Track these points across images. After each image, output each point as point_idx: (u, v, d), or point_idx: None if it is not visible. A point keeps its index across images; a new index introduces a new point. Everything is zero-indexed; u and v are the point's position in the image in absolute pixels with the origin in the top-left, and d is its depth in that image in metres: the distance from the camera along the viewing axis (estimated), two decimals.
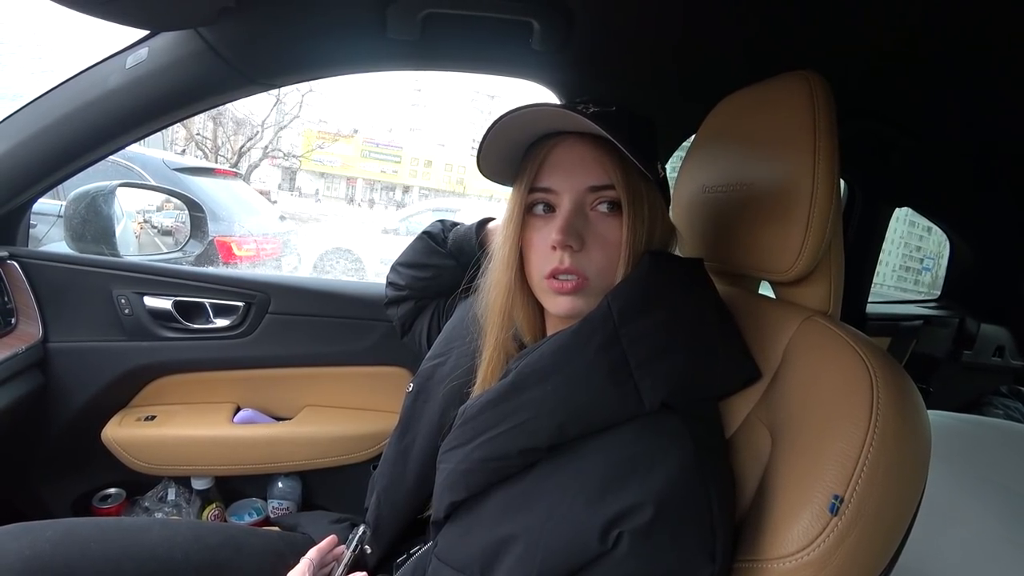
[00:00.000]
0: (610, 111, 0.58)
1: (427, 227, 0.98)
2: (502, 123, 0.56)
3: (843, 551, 0.45)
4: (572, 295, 0.58)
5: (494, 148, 0.61)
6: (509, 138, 0.59)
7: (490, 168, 0.64)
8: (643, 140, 0.60)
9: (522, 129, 0.58)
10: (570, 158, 0.58)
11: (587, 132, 0.57)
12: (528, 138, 0.61)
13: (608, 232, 0.57)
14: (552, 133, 0.60)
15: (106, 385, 1.13)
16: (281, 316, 1.21)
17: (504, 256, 0.63)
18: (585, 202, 0.58)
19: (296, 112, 12.41)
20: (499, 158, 0.63)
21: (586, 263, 0.57)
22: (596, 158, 0.57)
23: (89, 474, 1.17)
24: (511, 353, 0.67)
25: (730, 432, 0.59)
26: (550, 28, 0.94)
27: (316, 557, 0.72)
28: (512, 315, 0.65)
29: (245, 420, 1.20)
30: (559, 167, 0.59)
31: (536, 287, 0.62)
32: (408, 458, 0.75)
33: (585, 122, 0.53)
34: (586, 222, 0.58)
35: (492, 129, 0.57)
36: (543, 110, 0.54)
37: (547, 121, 0.57)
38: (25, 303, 1.06)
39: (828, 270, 0.63)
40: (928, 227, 4.60)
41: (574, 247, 0.56)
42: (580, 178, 0.57)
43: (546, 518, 0.49)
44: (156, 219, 2.32)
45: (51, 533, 0.70)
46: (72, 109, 0.97)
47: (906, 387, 0.50)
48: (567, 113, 0.54)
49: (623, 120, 0.58)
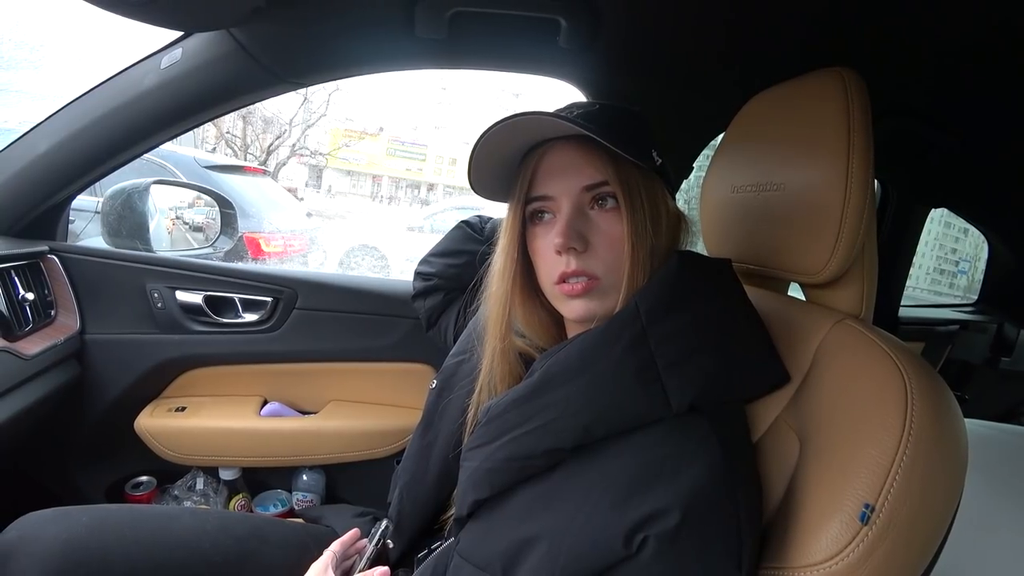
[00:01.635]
0: (592, 110, 0.58)
1: (466, 219, 1.00)
2: (485, 140, 0.56)
3: (873, 562, 0.44)
4: (584, 297, 0.57)
5: (485, 168, 0.61)
6: (498, 154, 0.59)
7: (485, 188, 0.64)
8: (630, 131, 0.59)
9: (507, 144, 0.58)
10: (560, 162, 0.58)
11: (572, 135, 0.57)
12: (516, 152, 0.60)
13: (610, 228, 0.57)
14: (539, 144, 0.60)
15: (139, 376, 1.16)
16: (308, 312, 1.23)
17: (500, 268, 0.64)
18: (583, 202, 0.58)
19: (323, 111, 12.56)
20: (492, 176, 0.63)
21: (593, 263, 0.57)
22: (586, 158, 0.57)
23: (122, 462, 1.21)
24: (526, 354, 0.67)
25: (757, 436, 0.58)
26: (578, 25, 0.93)
27: (339, 550, 0.73)
28: (510, 325, 0.65)
29: (271, 413, 1.22)
30: (551, 173, 0.59)
31: (549, 295, 0.62)
32: (431, 454, 0.76)
33: (565, 124, 0.53)
34: (587, 222, 0.58)
35: (476, 150, 0.57)
36: (522, 120, 0.54)
37: (530, 132, 0.57)
38: (64, 296, 1.10)
39: (860, 272, 0.61)
40: (965, 228, 4.45)
41: (578, 248, 0.56)
42: (574, 180, 0.57)
43: (570, 519, 0.49)
44: (188, 215, 2.37)
45: (87, 518, 0.73)
46: (110, 109, 1.00)
47: (942, 394, 0.48)
48: (545, 118, 0.53)
49: (605, 116, 0.58)
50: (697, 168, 1.36)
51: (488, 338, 0.66)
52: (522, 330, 0.68)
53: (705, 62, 1.07)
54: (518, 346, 0.68)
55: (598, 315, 0.57)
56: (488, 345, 0.67)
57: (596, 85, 1.16)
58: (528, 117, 0.53)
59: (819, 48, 0.95)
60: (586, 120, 0.54)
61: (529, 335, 0.68)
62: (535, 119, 0.54)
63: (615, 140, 0.52)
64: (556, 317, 0.67)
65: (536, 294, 0.65)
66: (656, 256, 0.57)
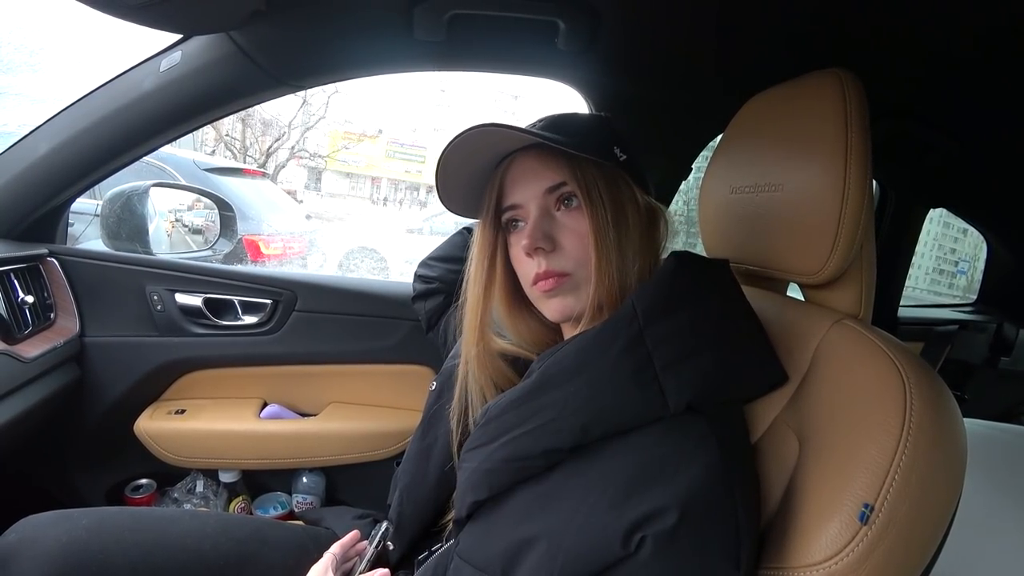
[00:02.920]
0: (549, 118, 0.62)
1: (467, 224, 1.00)
2: (445, 160, 0.59)
3: (872, 562, 0.44)
4: (558, 295, 0.60)
5: (455, 187, 0.63)
6: (465, 173, 0.62)
7: (458, 205, 0.66)
8: (587, 132, 0.61)
9: (472, 162, 0.61)
10: (523, 171, 0.61)
11: (532, 144, 0.59)
12: (484, 169, 0.63)
13: (576, 225, 0.59)
14: (504, 158, 0.62)
15: (139, 379, 1.16)
16: (307, 314, 1.23)
17: (472, 276, 0.67)
18: (548, 205, 0.61)
19: (322, 113, 12.53)
20: (465, 194, 0.65)
21: (563, 261, 0.59)
22: (544, 163, 0.60)
23: (122, 465, 1.21)
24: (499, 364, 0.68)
25: (756, 436, 0.58)
26: (576, 28, 0.94)
27: (339, 552, 0.73)
28: (483, 330, 0.67)
29: (271, 415, 1.22)
30: (516, 182, 0.62)
31: (531, 298, 0.64)
32: (430, 456, 0.76)
33: (514, 134, 0.55)
34: (553, 222, 0.60)
35: (439, 171, 0.60)
36: (474, 133, 0.55)
37: (489, 146, 0.59)
38: (63, 299, 1.10)
39: (859, 272, 0.61)
40: (964, 229, 4.45)
41: (546, 248, 0.59)
42: (535, 185, 0.60)
43: (568, 520, 0.49)
44: (187, 218, 2.37)
45: (87, 521, 0.73)
46: (109, 112, 1.00)
47: (941, 393, 0.48)
48: (495, 129, 0.55)
49: (557, 121, 0.62)
50: (696, 169, 1.36)
51: (465, 345, 0.68)
52: (520, 342, 0.70)
53: (703, 63, 1.08)
54: (509, 349, 0.69)
55: (575, 311, 0.60)
56: (464, 351, 0.68)
57: (594, 87, 1.16)
58: (480, 130, 0.55)
59: (817, 49, 0.95)
60: (541, 129, 0.58)
61: (519, 344, 0.70)
62: (486, 131, 0.56)
63: (567, 142, 0.55)
64: (546, 323, 0.68)
65: (525, 304, 0.67)
66: (627, 250, 0.58)
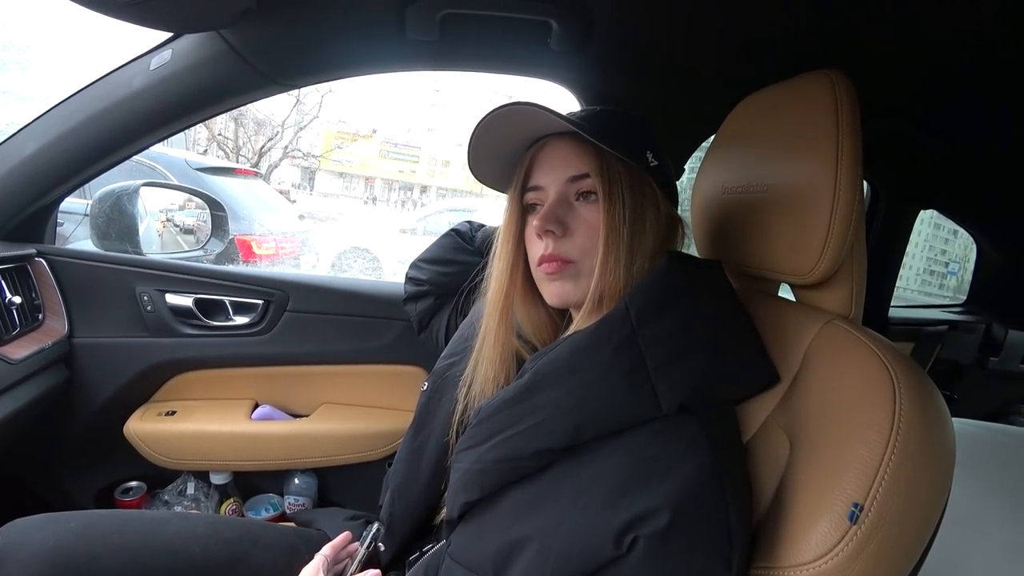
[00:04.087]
0: (591, 112, 0.64)
1: (455, 225, 1.01)
2: (485, 125, 0.59)
3: (862, 561, 0.44)
4: (558, 279, 0.61)
5: (486, 156, 0.64)
6: (498, 145, 0.63)
7: (486, 175, 0.68)
8: (623, 132, 0.62)
9: (509, 136, 0.62)
10: (552, 156, 0.62)
11: (567, 132, 0.60)
12: (518, 145, 0.64)
13: (590, 216, 0.60)
14: (539, 139, 0.63)
15: (128, 380, 1.15)
16: (299, 314, 1.22)
17: (500, 252, 0.67)
18: (568, 193, 0.61)
19: (316, 113, 12.50)
20: (494, 165, 0.66)
21: (570, 248, 0.60)
22: (575, 152, 0.60)
23: (112, 467, 1.20)
24: (520, 354, 0.68)
25: (748, 436, 0.58)
26: (569, 28, 0.94)
27: (330, 553, 0.72)
28: (512, 311, 0.67)
29: (263, 416, 1.21)
30: (544, 165, 0.63)
31: (536, 278, 0.65)
32: (422, 457, 0.76)
33: (555, 119, 0.56)
34: (569, 210, 0.61)
35: (475, 135, 0.61)
36: (518, 109, 0.56)
37: (528, 125, 0.60)
38: (52, 299, 1.09)
39: (850, 273, 0.62)
40: (954, 230, 4.50)
41: (556, 232, 0.59)
42: (561, 172, 0.61)
43: (560, 520, 0.49)
44: (178, 218, 2.35)
45: (75, 524, 0.72)
46: (98, 110, 0.99)
47: (930, 394, 0.48)
48: (539, 111, 0.56)
49: (601, 116, 0.63)
50: (689, 170, 1.36)
51: (490, 324, 0.68)
52: (522, 326, 0.70)
53: (696, 65, 1.08)
54: (514, 345, 0.68)
55: (573, 299, 0.61)
56: (491, 334, 0.68)
57: (587, 87, 1.16)
58: (525, 107, 0.56)
59: (809, 50, 0.95)
60: (581, 119, 0.58)
61: (527, 332, 0.70)
62: (531, 110, 0.56)
63: (601, 137, 0.55)
64: (553, 317, 0.69)
65: (536, 289, 0.66)
66: (637, 252, 0.58)
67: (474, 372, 0.69)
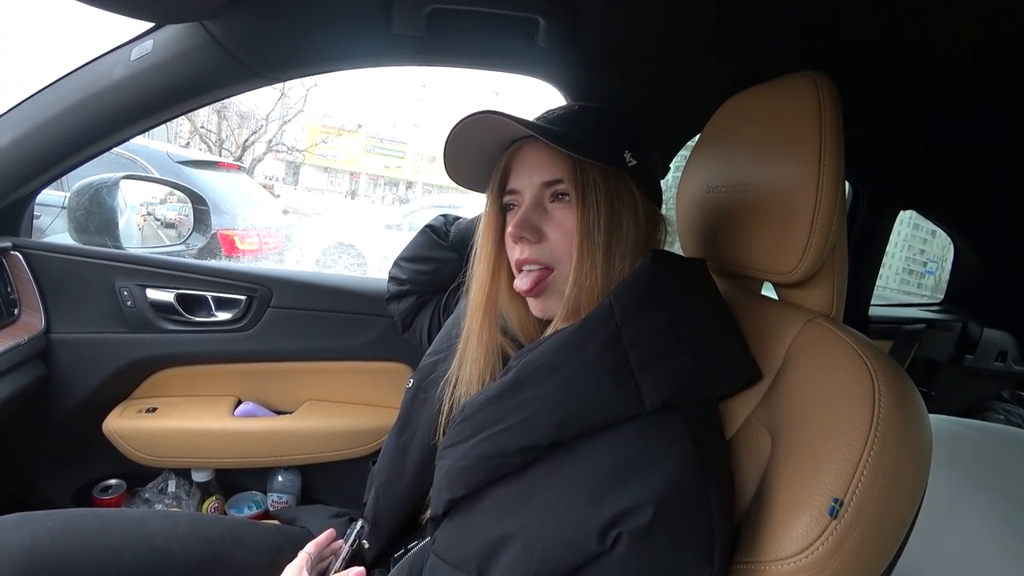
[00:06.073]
0: (566, 111, 0.62)
1: (429, 221, 0.99)
2: (457, 134, 0.59)
3: (842, 554, 0.45)
4: (539, 297, 0.62)
5: (464, 157, 0.64)
6: (476, 148, 0.63)
7: (463, 178, 0.68)
8: (599, 132, 0.62)
9: (484, 139, 0.61)
10: (528, 159, 0.62)
11: None
12: (495, 147, 0.63)
13: (564, 220, 0.60)
14: (516, 140, 0.63)
15: (108, 377, 1.13)
16: (283, 310, 1.21)
17: (481, 253, 0.67)
18: (543, 197, 0.61)
19: (300, 106, 12.40)
20: (472, 168, 0.66)
21: (545, 252, 0.60)
22: (548, 157, 0.60)
23: (90, 465, 1.18)
24: (505, 350, 0.68)
25: (730, 433, 0.59)
26: (556, 25, 0.94)
27: (314, 551, 0.72)
28: (495, 311, 0.67)
29: (246, 413, 1.20)
30: (519, 168, 0.63)
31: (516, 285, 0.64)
32: (407, 454, 0.75)
33: (514, 124, 0.55)
34: (543, 214, 0.61)
35: (448, 143, 0.61)
36: (484, 118, 0.57)
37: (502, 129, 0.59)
38: (28, 294, 1.06)
39: (831, 272, 0.63)
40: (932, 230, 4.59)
41: (530, 239, 0.60)
42: (536, 176, 0.61)
43: (545, 517, 0.49)
44: (159, 211, 2.32)
45: (51, 523, 0.71)
46: (77, 100, 0.97)
47: (908, 391, 0.49)
48: (503, 119, 0.55)
49: (575, 117, 0.62)
50: (674, 168, 1.37)
51: (474, 323, 0.68)
52: (509, 323, 0.70)
53: (683, 63, 1.09)
54: (499, 343, 0.68)
55: (556, 310, 0.61)
56: (476, 332, 0.68)
57: (574, 84, 1.16)
58: (489, 116, 0.56)
59: (794, 51, 0.97)
60: (554, 122, 0.59)
61: (514, 327, 0.70)
62: (496, 119, 0.56)
63: (570, 141, 0.55)
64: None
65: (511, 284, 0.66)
66: (615, 254, 0.58)
67: (458, 372, 0.69)
